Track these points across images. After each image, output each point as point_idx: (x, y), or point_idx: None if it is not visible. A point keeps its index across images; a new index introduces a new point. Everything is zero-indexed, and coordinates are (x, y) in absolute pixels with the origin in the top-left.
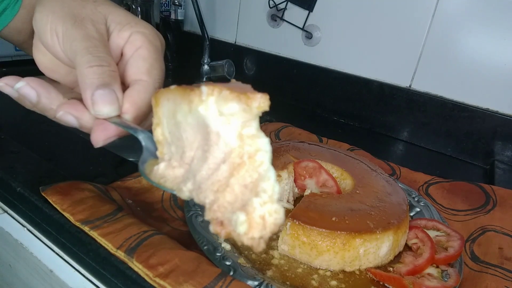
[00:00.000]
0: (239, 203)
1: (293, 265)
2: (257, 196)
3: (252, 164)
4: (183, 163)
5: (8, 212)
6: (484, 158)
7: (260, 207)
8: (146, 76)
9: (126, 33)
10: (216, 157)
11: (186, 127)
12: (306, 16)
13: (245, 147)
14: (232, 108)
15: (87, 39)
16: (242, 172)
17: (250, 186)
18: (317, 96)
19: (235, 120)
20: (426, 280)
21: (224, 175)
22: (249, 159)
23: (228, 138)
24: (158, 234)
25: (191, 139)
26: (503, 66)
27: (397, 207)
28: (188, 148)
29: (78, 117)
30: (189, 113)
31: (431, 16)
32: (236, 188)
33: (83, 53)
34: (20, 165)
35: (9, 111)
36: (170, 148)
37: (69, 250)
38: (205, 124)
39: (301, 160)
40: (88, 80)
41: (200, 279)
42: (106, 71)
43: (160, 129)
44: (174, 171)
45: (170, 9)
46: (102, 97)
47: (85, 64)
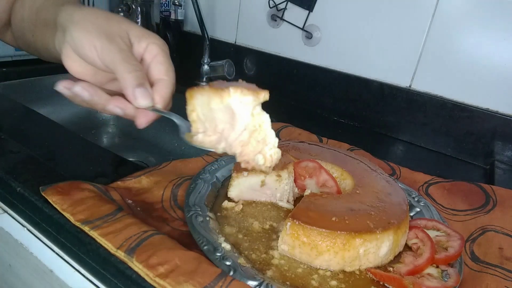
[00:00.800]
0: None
1: (293, 265)
2: (266, 145)
3: (261, 129)
4: (216, 132)
5: (8, 212)
6: (484, 158)
7: (269, 150)
8: (165, 76)
9: (144, 44)
10: (239, 127)
11: (218, 111)
12: (306, 16)
13: (255, 120)
14: (248, 99)
15: (121, 51)
16: (255, 134)
17: (261, 141)
18: (317, 96)
19: (249, 105)
20: (426, 280)
21: (246, 136)
22: (259, 127)
23: (246, 116)
24: (158, 234)
25: (222, 118)
26: (503, 66)
27: (397, 207)
28: (220, 123)
29: (123, 108)
30: (221, 103)
31: (431, 16)
32: (253, 142)
33: (121, 63)
34: (20, 165)
35: (9, 111)
36: (204, 125)
37: (69, 250)
38: (231, 109)
39: (301, 160)
40: (130, 82)
41: (200, 279)
42: (140, 75)
43: (195, 113)
44: (210, 138)
45: (170, 9)
46: (141, 93)
47: (125, 71)
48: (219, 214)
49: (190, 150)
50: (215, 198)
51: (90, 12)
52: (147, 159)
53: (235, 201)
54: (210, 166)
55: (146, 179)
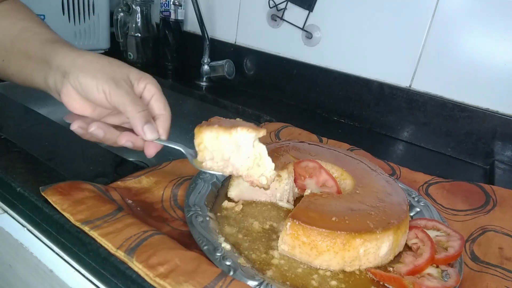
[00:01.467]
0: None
1: (293, 265)
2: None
3: (261, 157)
4: (223, 160)
5: (8, 212)
6: (484, 158)
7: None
8: (164, 111)
9: (142, 84)
10: (244, 156)
11: (225, 144)
12: (306, 16)
13: (256, 149)
14: (252, 135)
15: (128, 94)
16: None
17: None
18: (317, 96)
19: (251, 139)
20: (426, 280)
21: (250, 162)
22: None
23: (249, 147)
24: (158, 234)
25: (228, 148)
26: (503, 66)
27: (397, 207)
28: (226, 153)
29: (134, 142)
30: (229, 138)
31: (431, 16)
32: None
33: (130, 104)
34: (20, 165)
35: (9, 111)
36: (211, 153)
37: (69, 250)
38: (237, 142)
39: (301, 160)
40: (139, 121)
41: (200, 279)
42: (146, 114)
43: (202, 144)
44: (217, 164)
45: (170, 9)
46: (149, 129)
47: (134, 111)
48: (219, 214)
49: None
50: (215, 198)
51: (93, 59)
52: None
53: (235, 201)
54: None
55: (146, 179)
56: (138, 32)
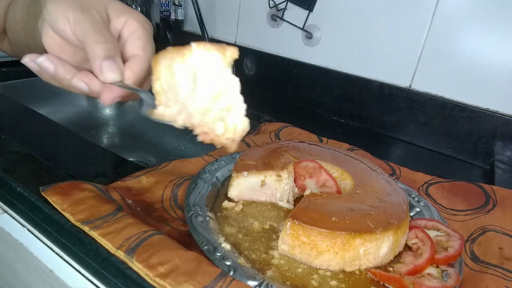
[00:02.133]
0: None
1: (293, 265)
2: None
3: (227, 95)
4: (177, 102)
5: (8, 212)
6: (484, 158)
7: (231, 118)
8: (141, 51)
9: (123, 19)
10: (202, 93)
11: (179, 75)
12: (306, 16)
13: (222, 84)
14: (213, 55)
15: (94, 23)
16: (220, 100)
17: (226, 108)
18: (317, 96)
19: (215, 65)
20: (426, 280)
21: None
22: (225, 92)
23: (211, 79)
24: (158, 234)
25: (184, 83)
26: (503, 66)
27: (397, 207)
28: (182, 90)
29: (89, 83)
30: (182, 64)
31: (431, 16)
32: (216, 110)
33: (92, 33)
34: (20, 165)
35: (9, 111)
36: (167, 95)
37: (69, 250)
38: (194, 71)
39: (301, 160)
40: (97, 54)
41: (200, 279)
42: (110, 47)
43: (159, 82)
44: (170, 109)
45: (170, 9)
46: (108, 66)
47: (94, 42)
48: (219, 214)
49: (190, 150)
50: (215, 198)
51: None
52: (147, 159)
53: (235, 201)
54: (210, 166)
55: (146, 179)
56: None
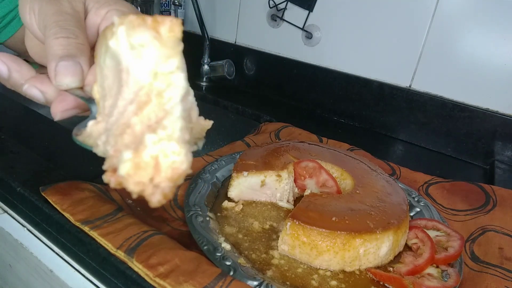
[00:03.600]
0: (136, 145)
1: (293, 265)
2: (153, 133)
3: (160, 102)
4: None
5: (8, 212)
6: (484, 158)
7: (152, 145)
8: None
9: (103, 11)
10: (125, 99)
11: (106, 73)
12: (306, 16)
13: (155, 84)
14: (141, 36)
15: (58, 13)
16: (146, 110)
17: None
18: (317, 96)
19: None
20: (426, 280)
21: (129, 117)
22: (157, 97)
23: (139, 75)
24: (158, 234)
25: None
26: (503, 66)
27: (397, 207)
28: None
29: (43, 90)
30: (107, 54)
31: (431, 16)
32: (137, 128)
33: (51, 26)
34: (20, 165)
35: (9, 111)
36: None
37: (69, 250)
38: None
39: (301, 160)
40: (53, 51)
41: (200, 279)
42: (73, 43)
43: (95, 86)
44: (97, 126)
45: (170, 9)
46: (65, 68)
47: (51, 36)
48: (219, 214)
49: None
50: (215, 198)
51: None
52: None
53: (235, 201)
54: (210, 166)
55: None
56: None
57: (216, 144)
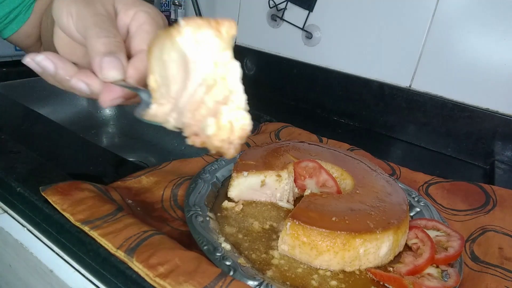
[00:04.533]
0: (211, 115)
1: (293, 265)
2: (226, 105)
3: (224, 83)
4: (170, 98)
5: (8, 212)
6: (484, 158)
7: (227, 113)
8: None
9: (131, 12)
10: (194, 83)
11: (170, 64)
12: (306, 16)
13: (219, 71)
14: (205, 34)
15: (96, 15)
16: (215, 90)
17: (222, 101)
18: (317, 96)
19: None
20: (426, 280)
21: (200, 96)
22: (222, 80)
23: (204, 64)
24: (158, 234)
25: (175, 74)
26: (503, 66)
27: (397, 207)
28: (173, 83)
29: (89, 83)
30: (172, 49)
31: (431, 16)
32: (209, 103)
33: (92, 27)
34: (20, 165)
35: (9, 111)
36: (161, 91)
37: (69, 250)
38: (185, 56)
39: (301, 160)
40: (97, 49)
41: (200, 279)
42: (112, 42)
43: (153, 76)
44: (163, 108)
45: (170, 9)
46: (109, 63)
47: (94, 36)
48: (219, 214)
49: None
50: (215, 198)
51: None
52: (147, 159)
53: (235, 201)
54: (210, 166)
55: (146, 179)
56: None
57: None
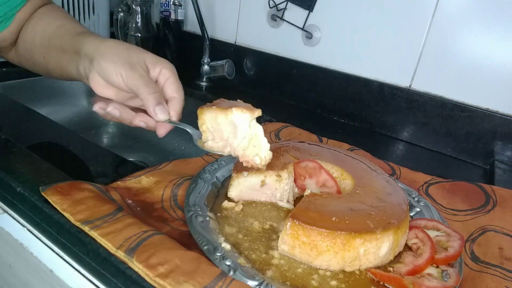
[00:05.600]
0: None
1: (293, 265)
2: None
3: (256, 137)
4: (222, 140)
5: (8, 212)
6: (484, 158)
7: (263, 153)
8: (176, 94)
9: (158, 69)
10: (240, 136)
11: (223, 124)
12: (306, 16)
13: (252, 130)
14: (247, 116)
15: (142, 77)
16: (253, 141)
17: (257, 145)
18: (317, 96)
19: (247, 119)
20: (426, 280)
21: (246, 142)
22: (255, 135)
23: (245, 127)
24: (158, 234)
25: (226, 129)
26: (503, 66)
27: (397, 207)
28: (225, 133)
29: (147, 122)
30: (225, 119)
31: (431, 16)
32: (251, 147)
33: (143, 87)
34: (20, 165)
35: (9, 111)
36: (212, 134)
37: (69, 250)
38: (234, 123)
39: (301, 160)
40: (151, 102)
41: (200, 279)
42: (158, 96)
43: (205, 125)
44: (217, 144)
45: (170, 9)
46: (160, 110)
47: (147, 93)
48: (219, 214)
49: (190, 150)
50: (215, 198)
51: (113, 45)
52: (147, 159)
53: (235, 201)
54: (210, 166)
55: (146, 179)
56: (138, 32)
57: None
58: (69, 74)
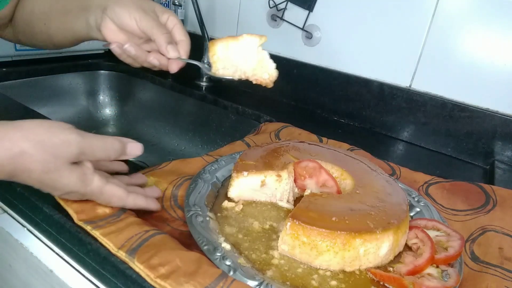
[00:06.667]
0: (263, 71)
1: (293, 265)
2: (268, 69)
3: (263, 59)
4: (233, 66)
5: (8, 212)
6: (484, 158)
7: (270, 71)
8: (184, 37)
9: (166, 16)
10: (250, 59)
11: (234, 51)
12: (306, 16)
13: (259, 54)
14: (255, 39)
15: (154, 20)
16: (260, 62)
17: (264, 66)
18: (317, 96)
19: (255, 45)
20: (426, 280)
21: (255, 64)
22: (262, 58)
23: (254, 52)
24: (159, 234)
25: (236, 55)
26: (503, 66)
27: (397, 207)
28: (235, 59)
29: (159, 59)
30: (237, 44)
31: (431, 16)
32: (259, 67)
33: (156, 28)
34: None
35: (9, 111)
36: (223, 63)
37: (69, 250)
38: (244, 48)
39: (301, 160)
40: (163, 41)
41: (201, 280)
42: (169, 36)
43: (216, 55)
44: (228, 70)
45: (169, 8)
46: (171, 48)
47: (159, 33)
48: (219, 214)
49: (190, 150)
50: (215, 198)
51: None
52: (147, 159)
53: (235, 201)
54: (210, 166)
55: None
56: None
57: (216, 144)
58: (74, 33)
